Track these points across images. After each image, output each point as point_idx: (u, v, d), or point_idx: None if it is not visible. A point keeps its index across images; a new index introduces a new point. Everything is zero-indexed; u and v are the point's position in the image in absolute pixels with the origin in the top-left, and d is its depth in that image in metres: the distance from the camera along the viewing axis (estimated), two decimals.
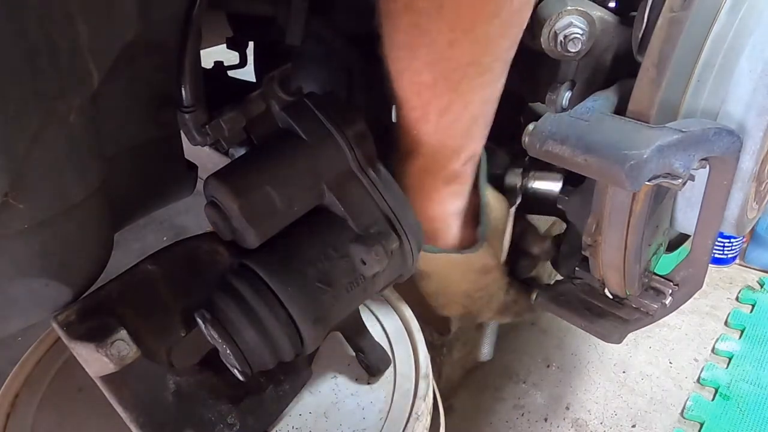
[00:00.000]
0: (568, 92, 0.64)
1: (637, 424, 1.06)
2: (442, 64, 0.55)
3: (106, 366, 0.49)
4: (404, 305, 0.73)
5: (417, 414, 0.61)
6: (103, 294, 0.52)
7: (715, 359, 1.19)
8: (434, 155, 0.64)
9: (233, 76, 1.09)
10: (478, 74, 0.57)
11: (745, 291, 1.35)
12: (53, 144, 0.42)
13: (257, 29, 0.96)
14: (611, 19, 0.62)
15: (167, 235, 1.53)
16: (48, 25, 0.38)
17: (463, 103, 0.59)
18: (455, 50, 0.54)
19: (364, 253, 0.55)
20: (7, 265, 0.45)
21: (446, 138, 0.63)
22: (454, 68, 0.56)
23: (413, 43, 0.55)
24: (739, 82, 0.55)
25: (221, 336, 0.52)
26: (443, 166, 0.66)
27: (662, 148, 0.48)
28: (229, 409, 0.57)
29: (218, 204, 0.53)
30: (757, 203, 0.64)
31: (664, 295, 0.68)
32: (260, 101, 0.59)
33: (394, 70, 0.59)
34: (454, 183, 0.68)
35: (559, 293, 0.75)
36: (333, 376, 0.67)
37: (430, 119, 0.60)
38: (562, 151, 0.51)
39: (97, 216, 0.51)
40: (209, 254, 0.57)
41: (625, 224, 0.58)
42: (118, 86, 0.51)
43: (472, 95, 0.59)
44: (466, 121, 0.61)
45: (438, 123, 0.60)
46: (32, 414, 0.62)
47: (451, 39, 0.53)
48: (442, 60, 0.55)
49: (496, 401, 1.11)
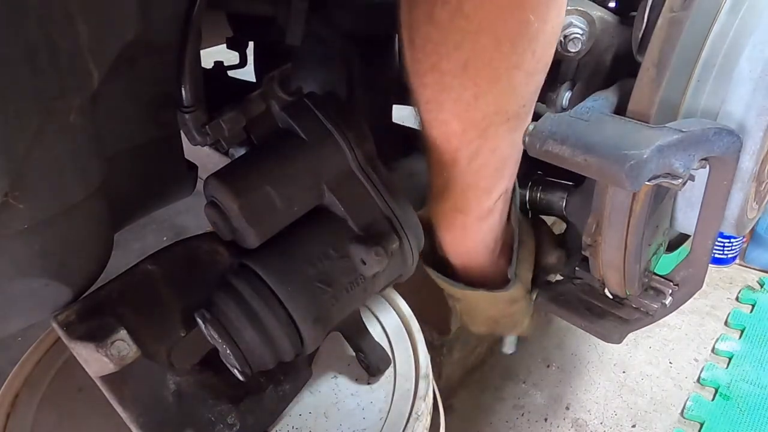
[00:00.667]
0: (568, 92, 0.64)
1: (637, 424, 1.06)
2: (469, 115, 0.56)
3: (106, 366, 0.49)
4: (404, 305, 0.73)
5: (417, 414, 0.61)
6: (103, 294, 0.52)
7: (715, 359, 1.19)
8: (465, 195, 0.65)
9: (233, 76, 1.10)
10: (505, 121, 0.58)
11: (745, 291, 1.35)
12: (53, 144, 0.42)
13: (257, 29, 0.96)
14: (611, 19, 0.62)
15: (167, 235, 1.53)
16: (48, 25, 0.38)
17: (491, 149, 0.60)
18: (480, 102, 0.55)
19: (364, 253, 0.55)
20: (7, 265, 0.45)
21: (477, 180, 0.64)
22: (481, 117, 0.57)
23: (440, 99, 0.56)
24: (739, 82, 0.55)
25: (221, 336, 0.52)
26: (475, 206, 0.67)
27: (662, 148, 0.48)
28: (229, 409, 0.57)
29: (218, 204, 0.53)
30: (757, 203, 0.64)
31: (664, 295, 0.68)
32: (260, 101, 0.59)
33: (424, 119, 0.60)
34: (486, 220, 0.69)
35: (559, 293, 0.75)
36: (333, 376, 0.67)
37: (460, 164, 0.61)
38: (562, 151, 0.51)
39: (97, 216, 0.51)
40: (209, 254, 0.57)
41: (625, 224, 0.58)
42: (118, 86, 0.51)
43: (500, 141, 0.60)
44: (495, 164, 0.62)
45: (468, 167, 0.61)
46: (32, 414, 0.62)
47: (476, 93, 0.54)
48: (468, 111, 0.56)
49: (496, 401, 1.11)
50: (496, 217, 0.69)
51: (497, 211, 0.69)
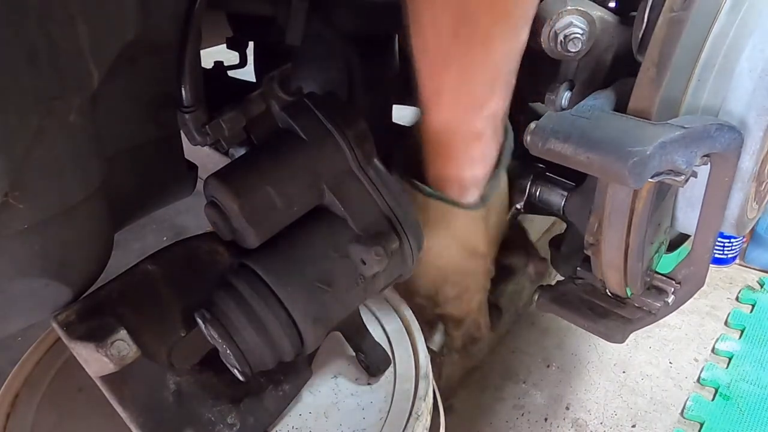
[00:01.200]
0: (568, 92, 0.64)
1: (637, 424, 1.06)
2: (462, 8, 0.55)
3: (106, 366, 0.49)
4: (404, 305, 0.73)
5: (417, 414, 0.61)
6: (103, 294, 0.52)
7: (715, 359, 1.19)
8: (455, 108, 0.63)
9: (233, 76, 1.10)
10: (499, 21, 0.56)
11: (745, 291, 1.35)
12: (53, 144, 0.42)
13: (257, 29, 0.96)
14: (611, 19, 0.62)
15: (167, 235, 1.53)
16: (48, 25, 0.38)
17: (485, 51, 0.58)
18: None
19: (363, 253, 0.55)
20: (7, 265, 0.45)
21: (468, 90, 0.61)
22: (474, 11, 0.55)
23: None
24: (739, 82, 0.55)
25: (221, 336, 0.52)
26: (464, 121, 0.64)
27: (665, 144, 0.48)
28: (229, 409, 0.57)
29: (218, 204, 0.53)
30: (757, 203, 0.63)
31: (667, 294, 0.68)
32: (260, 101, 0.59)
33: (413, 19, 0.58)
34: (474, 144, 0.67)
35: (561, 293, 0.75)
36: (333, 377, 0.67)
37: (452, 67, 0.59)
38: (564, 149, 0.51)
39: (97, 216, 0.51)
40: (209, 254, 0.57)
41: (625, 223, 0.58)
42: (118, 86, 0.51)
43: (493, 44, 0.58)
44: (488, 72, 0.60)
45: (459, 72, 0.59)
46: (32, 414, 0.62)
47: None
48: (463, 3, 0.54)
49: (496, 401, 1.11)
50: (483, 146, 0.67)
51: (486, 138, 0.67)
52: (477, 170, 0.70)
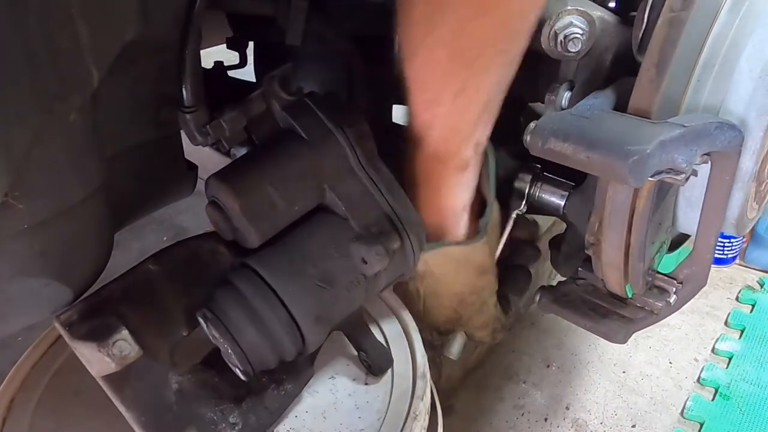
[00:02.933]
0: (568, 92, 0.64)
1: (637, 424, 1.06)
2: (458, 42, 0.55)
3: (108, 366, 0.49)
4: (401, 306, 0.73)
5: (415, 414, 0.61)
6: (105, 294, 0.52)
7: (715, 359, 1.19)
8: (446, 140, 0.63)
9: (233, 76, 1.10)
10: (494, 54, 0.56)
11: (745, 291, 1.35)
12: (53, 144, 0.42)
13: (257, 29, 0.96)
14: (611, 19, 0.62)
15: (167, 235, 1.53)
16: (48, 25, 0.38)
17: (477, 85, 0.58)
18: (475, 25, 0.53)
19: (365, 253, 0.55)
20: (8, 265, 0.45)
21: (459, 122, 0.62)
22: (470, 47, 0.55)
23: (432, 17, 0.54)
24: (739, 82, 0.55)
25: (222, 335, 0.52)
26: (455, 153, 0.65)
27: (665, 143, 0.48)
28: (231, 408, 0.57)
29: (219, 204, 0.53)
30: (757, 203, 0.63)
31: (669, 294, 0.67)
32: (261, 101, 0.59)
33: (407, 50, 0.58)
34: (464, 172, 0.67)
35: (562, 294, 0.75)
36: (331, 377, 0.66)
37: (444, 101, 0.59)
38: (564, 148, 0.51)
39: (97, 216, 0.51)
40: (210, 254, 0.57)
41: (625, 223, 0.58)
42: (118, 86, 0.51)
43: (487, 76, 0.58)
44: (479, 105, 0.60)
45: (452, 105, 0.59)
46: (28, 418, 0.62)
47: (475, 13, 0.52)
48: (459, 37, 0.54)
49: (496, 401, 1.11)
50: (472, 172, 0.68)
51: (474, 165, 0.67)
52: (465, 196, 0.71)
